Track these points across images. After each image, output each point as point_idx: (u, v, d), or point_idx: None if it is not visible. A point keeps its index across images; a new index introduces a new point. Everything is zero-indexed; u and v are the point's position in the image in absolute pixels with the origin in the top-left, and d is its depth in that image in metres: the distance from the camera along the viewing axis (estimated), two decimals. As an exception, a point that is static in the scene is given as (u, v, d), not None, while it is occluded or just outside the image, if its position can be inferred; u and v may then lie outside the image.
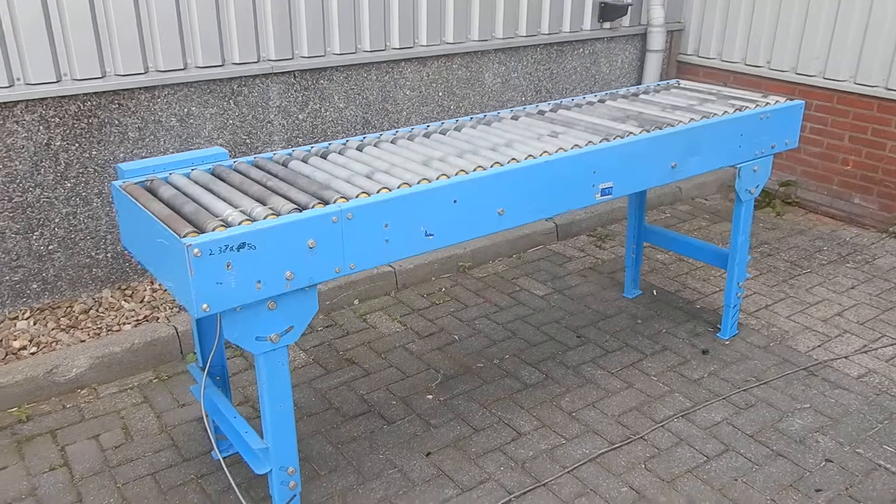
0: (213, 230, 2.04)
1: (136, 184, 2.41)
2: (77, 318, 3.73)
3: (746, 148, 3.21)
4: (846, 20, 4.76)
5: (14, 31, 3.33)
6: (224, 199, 2.27)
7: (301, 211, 2.17)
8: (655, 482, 2.78)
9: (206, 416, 2.71)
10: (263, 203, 2.23)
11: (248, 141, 4.10)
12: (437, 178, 2.41)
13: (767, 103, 3.31)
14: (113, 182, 2.42)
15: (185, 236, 2.00)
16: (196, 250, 1.96)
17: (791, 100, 3.36)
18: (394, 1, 4.33)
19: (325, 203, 2.22)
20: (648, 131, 2.89)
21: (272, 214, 2.14)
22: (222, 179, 2.47)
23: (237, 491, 2.61)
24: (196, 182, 2.44)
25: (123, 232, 2.46)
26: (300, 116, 4.23)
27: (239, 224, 2.09)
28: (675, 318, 3.89)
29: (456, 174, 2.44)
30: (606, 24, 5.35)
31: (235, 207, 2.19)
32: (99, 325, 3.67)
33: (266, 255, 2.08)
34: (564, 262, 4.54)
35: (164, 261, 2.15)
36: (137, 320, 3.72)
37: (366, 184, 2.35)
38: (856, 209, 4.98)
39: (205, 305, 2.02)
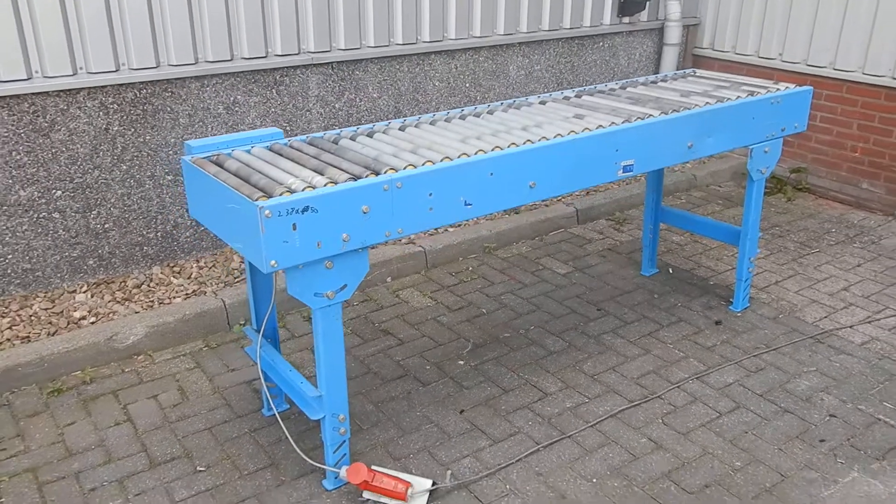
0: (280, 195, 2.31)
1: (203, 158, 2.68)
2: (130, 292, 4.01)
3: (758, 130, 3.45)
4: (855, 13, 4.98)
5: (78, 23, 3.61)
6: (286, 171, 2.53)
7: (356, 180, 2.43)
8: (672, 434, 3.03)
9: (262, 373, 2.97)
10: (321, 174, 2.49)
11: (288, 128, 4.37)
12: (475, 154, 2.66)
13: (778, 89, 3.55)
14: (183, 157, 2.69)
15: (256, 200, 2.27)
16: (267, 212, 2.22)
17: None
18: (424, -4, 4.60)
19: (377, 174, 2.48)
20: (667, 113, 3.14)
21: (331, 182, 2.40)
22: (281, 155, 2.73)
23: (291, 440, 2.87)
24: (258, 157, 2.71)
25: (191, 202, 2.73)
26: (337, 105, 4.50)
27: (302, 191, 2.35)
28: (689, 293, 4.13)
29: (492, 150, 2.69)
30: (625, 19, 5.59)
31: (297, 177, 2.45)
32: (151, 299, 3.94)
33: (326, 219, 2.34)
34: (584, 243, 4.79)
35: (234, 224, 2.41)
36: (187, 294, 3.99)
37: (411, 158, 2.61)
38: (864, 194, 5.20)
39: (273, 262, 2.29)
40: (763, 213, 5.19)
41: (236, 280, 4.10)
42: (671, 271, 4.39)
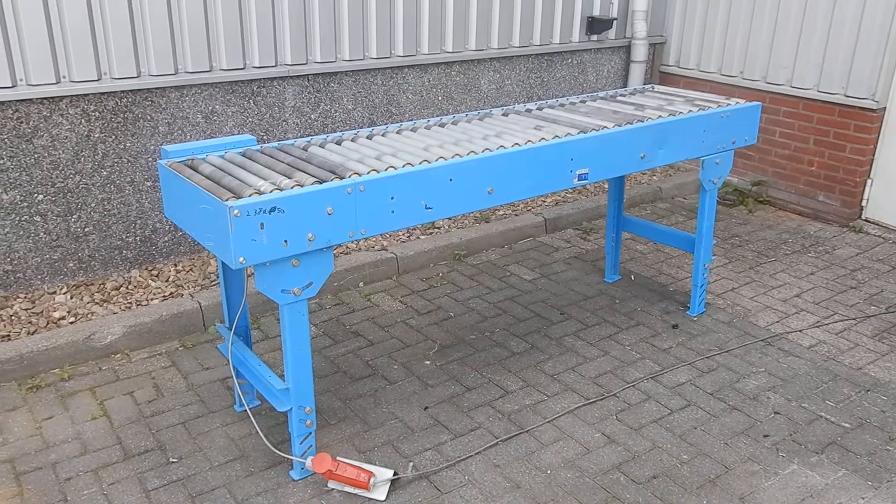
0: (249, 196, 2.45)
1: (179, 162, 2.83)
2: (109, 293, 4.13)
3: (709, 142, 3.64)
4: (809, 34, 5.22)
5: (62, 34, 3.76)
6: (255, 174, 2.68)
7: (321, 183, 2.59)
8: (624, 430, 3.19)
9: (233, 370, 3.10)
10: (289, 177, 2.64)
11: (265, 138, 4.52)
12: (436, 160, 2.82)
13: (728, 104, 3.74)
14: (159, 161, 2.83)
15: (226, 200, 2.41)
16: (236, 211, 2.37)
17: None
18: (398, 13, 4.77)
19: (341, 178, 2.63)
20: (620, 125, 3.32)
21: (297, 185, 2.56)
22: (252, 160, 2.88)
23: (260, 433, 3.01)
24: (230, 161, 2.86)
25: (167, 204, 2.87)
26: (312, 116, 4.66)
27: (270, 192, 2.50)
28: (649, 298, 4.30)
29: (452, 157, 2.86)
30: (594, 37, 5.80)
31: (266, 180, 2.60)
32: (129, 301, 4.06)
33: (292, 219, 2.49)
34: (552, 251, 4.96)
35: (206, 223, 2.55)
36: (164, 296, 4.12)
37: (375, 164, 2.77)
38: (820, 206, 5.42)
39: (242, 258, 2.43)
40: (724, 223, 5.40)
41: (212, 283, 4.23)
42: (633, 278, 4.56)
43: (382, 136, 3.21)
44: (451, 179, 2.81)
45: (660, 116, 3.47)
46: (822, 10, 5.13)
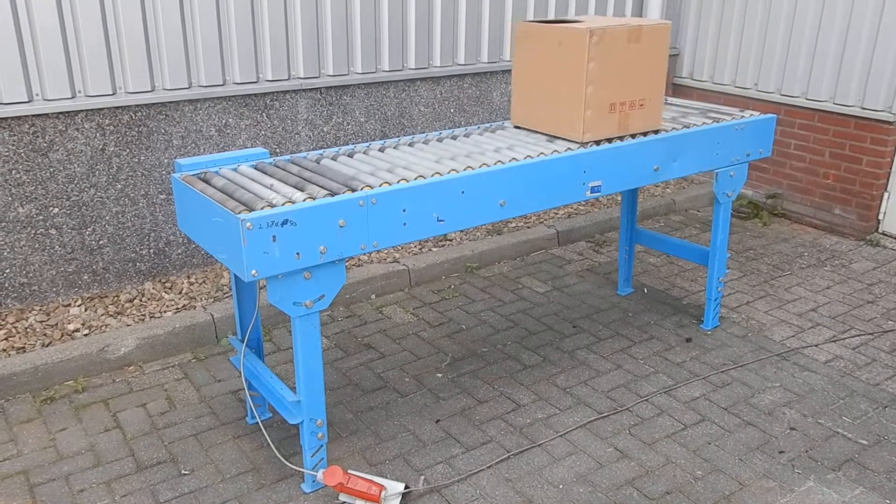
0: (262, 209, 2.46)
1: (192, 175, 2.84)
2: (123, 306, 4.15)
3: (723, 155, 3.62)
4: (825, 47, 5.19)
5: (78, 50, 3.80)
6: (268, 187, 2.69)
7: (333, 196, 2.59)
8: (638, 444, 3.16)
9: (246, 382, 3.11)
10: (301, 190, 2.65)
11: (278, 150, 4.54)
12: (448, 173, 2.82)
13: (743, 116, 3.72)
14: (173, 174, 2.85)
15: (239, 213, 2.42)
16: (248, 224, 2.38)
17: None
18: (411, 25, 4.79)
19: (353, 190, 2.64)
20: (633, 137, 3.31)
21: (309, 198, 2.56)
22: (265, 173, 2.89)
23: (272, 445, 3.01)
24: (243, 174, 2.87)
25: (180, 217, 2.88)
26: (325, 129, 4.68)
27: (282, 205, 2.50)
28: (663, 312, 4.27)
29: (464, 170, 2.86)
30: (606, 49, 5.79)
31: (278, 193, 2.61)
32: (143, 313, 4.08)
33: (304, 231, 2.49)
34: (564, 264, 4.94)
35: (219, 236, 2.56)
36: (177, 308, 4.13)
37: (387, 176, 2.77)
38: (836, 219, 5.38)
39: (254, 271, 2.44)
40: (738, 236, 5.36)
41: (225, 296, 4.24)
42: (646, 291, 4.54)
43: (394, 148, 3.22)
44: (463, 192, 2.81)
45: (673, 129, 3.45)
46: (838, 22, 5.11)
